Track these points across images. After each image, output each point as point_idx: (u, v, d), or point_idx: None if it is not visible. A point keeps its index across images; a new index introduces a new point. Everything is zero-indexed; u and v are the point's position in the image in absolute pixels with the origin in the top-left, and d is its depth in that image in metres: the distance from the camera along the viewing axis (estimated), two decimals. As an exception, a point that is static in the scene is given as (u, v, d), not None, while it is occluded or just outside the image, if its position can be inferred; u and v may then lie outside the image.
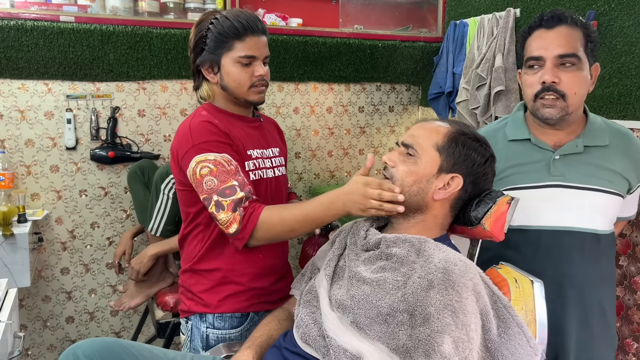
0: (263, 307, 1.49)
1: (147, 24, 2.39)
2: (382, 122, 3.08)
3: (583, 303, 1.38)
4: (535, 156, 1.41)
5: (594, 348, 1.40)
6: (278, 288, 1.53)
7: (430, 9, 3.02)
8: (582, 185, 1.35)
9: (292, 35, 2.65)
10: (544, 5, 2.21)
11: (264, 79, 1.46)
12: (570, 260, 1.37)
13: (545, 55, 1.31)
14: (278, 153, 1.59)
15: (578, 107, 1.35)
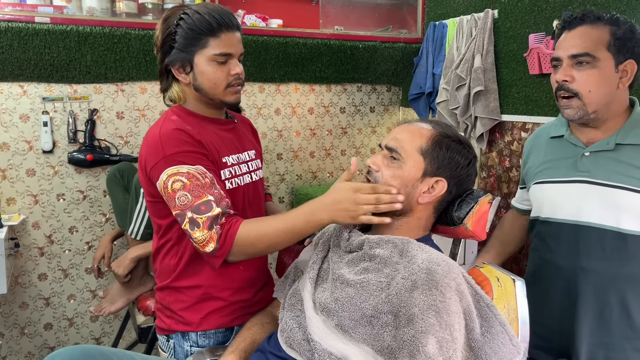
0: (247, 319, 1.42)
1: (125, 25, 2.36)
2: (364, 123, 3.09)
3: (599, 299, 1.38)
4: (568, 152, 1.45)
5: (614, 347, 1.39)
6: (260, 298, 1.47)
7: (410, 10, 3.04)
8: (608, 182, 1.35)
9: (273, 36, 2.64)
10: (522, 7, 2.24)
11: (240, 77, 1.37)
12: (587, 255, 1.39)
13: (562, 55, 1.36)
14: (254, 156, 1.50)
15: (600, 105, 1.34)
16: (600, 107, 1.35)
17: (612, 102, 1.36)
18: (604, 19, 1.34)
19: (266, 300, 1.49)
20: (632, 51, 1.33)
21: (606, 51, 1.32)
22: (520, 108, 2.29)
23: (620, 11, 1.85)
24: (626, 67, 1.34)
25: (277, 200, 2.93)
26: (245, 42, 2.57)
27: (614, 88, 1.34)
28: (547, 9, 2.12)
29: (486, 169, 2.51)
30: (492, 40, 2.39)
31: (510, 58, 2.33)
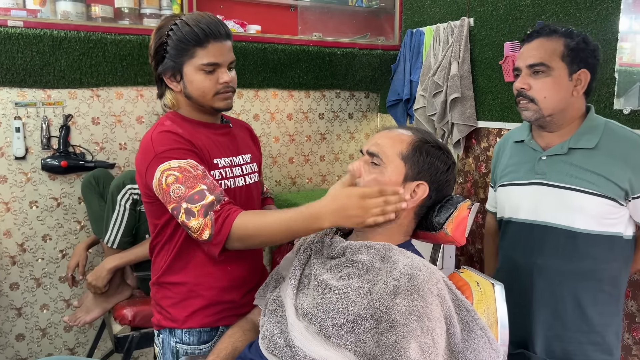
0: (234, 320, 1.43)
1: (101, 30, 2.32)
2: (342, 129, 3.10)
3: (554, 294, 1.47)
4: (528, 156, 1.55)
5: (569, 340, 1.47)
6: (249, 300, 1.47)
7: (387, 18, 3.07)
8: (562, 184, 1.45)
9: (251, 42, 2.63)
10: (496, 15, 2.28)
11: (229, 85, 1.39)
12: (541, 252, 1.49)
13: (521, 65, 1.48)
14: (250, 159, 1.52)
15: (555, 110, 1.45)
16: (555, 112, 1.46)
17: (567, 108, 1.46)
18: (558, 32, 1.45)
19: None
20: (585, 61, 1.43)
21: (560, 61, 1.43)
22: (495, 115, 2.33)
23: (591, 21, 1.91)
24: (580, 76, 1.44)
25: (256, 207, 2.92)
26: (223, 47, 2.57)
27: (569, 95, 1.44)
28: (521, 17, 2.17)
29: (463, 174, 2.55)
30: (468, 48, 2.43)
31: (486, 65, 2.37)
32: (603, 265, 1.45)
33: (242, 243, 1.25)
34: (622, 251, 1.47)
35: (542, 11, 2.08)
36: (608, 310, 1.48)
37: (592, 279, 1.46)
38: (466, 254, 2.55)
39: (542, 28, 1.47)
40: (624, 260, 1.48)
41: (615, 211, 1.42)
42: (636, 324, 1.79)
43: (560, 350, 1.48)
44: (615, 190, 1.40)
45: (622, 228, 1.44)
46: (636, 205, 1.42)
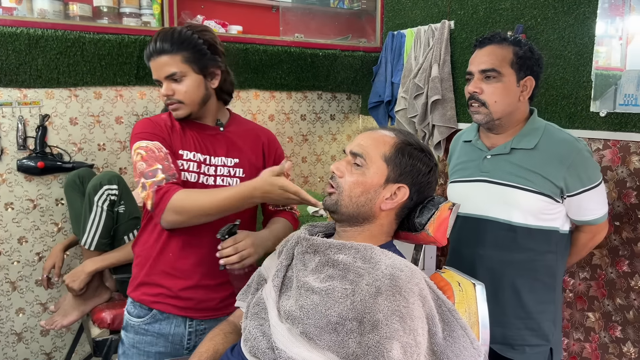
0: (168, 309, 1.49)
1: (79, 29, 2.29)
2: (324, 130, 3.11)
3: (493, 283, 1.54)
4: (474, 155, 1.64)
5: (509, 325, 1.56)
6: (188, 296, 1.49)
7: (369, 20, 3.08)
8: (503, 181, 1.54)
9: (233, 42, 2.62)
10: (477, 19, 2.31)
11: (170, 98, 1.46)
12: (483, 244, 1.59)
13: (473, 70, 1.55)
14: (233, 164, 1.54)
15: (504, 113, 1.53)
16: (504, 115, 1.54)
17: (514, 112, 1.55)
18: (508, 40, 1.53)
19: (192, 300, 1.50)
20: (531, 69, 1.52)
21: (509, 68, 1.51)
22: (476, 116, 2.36)
23: (568, 25, 1.94)
24: (526, 82, 1.53)
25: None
26: (204, 48, 2.55)
27: (516, 99, 1.53)
28: (500, 21, 2.20)
29: (443, 175, 2.57)
30: (449, 51, 2.45)
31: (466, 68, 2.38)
32: (539, 257, 1.55)
33: (180, 216, 1.37)
34: (558, 244, 1.56)
35: (521, 15, 2.11)
36: (543, 298, 1.57)
37: (529, 269, 1.55)
38: (447, 254, 2.57)
39: (493, 35, 1.54)
40: (560, 253, 1.58)
41: (552, 207, 1.51)
42: (612, 322, 1.83)
43: (500, 336, 1.55)
44: (551, 188, 1.49)
45: (558, 223, 1.54)
46: (571, 203, 1.52)
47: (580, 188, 1.49)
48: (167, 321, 1.49)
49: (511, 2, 2.15)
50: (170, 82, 1.45)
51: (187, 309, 1.50)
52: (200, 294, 1.50)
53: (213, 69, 1.48)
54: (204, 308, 1.51)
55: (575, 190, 1.49)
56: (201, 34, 1.46)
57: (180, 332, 1.50)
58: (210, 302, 1.52)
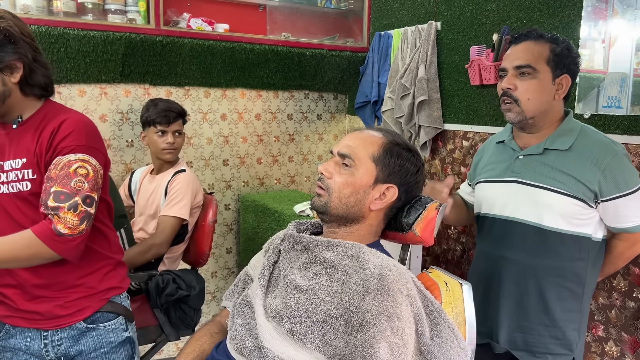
0: (19, 322, 1.39)
1: (63, 25, 2.25)
2: (311, 130, 3.10)
3: (519, 286, 1.53)
4: (506, 155, 1.60)
5: (532, 331, 1.52)
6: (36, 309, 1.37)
7: (356, 20, 3.09)
8: (534, 183, 1.50)
9: (219, 40, 2.60)
10: (463, 20, 2.33)
11: None
12: (510, 246, 1.55)
13: (507, 66, 1.51)
14: (21, 165, 1.32)
15: (537, 112, 1.49)
16: (537, 114, 1.50)
17: (548, 111, 1.51)
18: (545, 37, 1.49)
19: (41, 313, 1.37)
20: (567, 67, 1.48)
21: (545, 65, 1.47)
22: (461, 117, 2.38)
23: (553, 27, 1.96)
24: (562, 80, 1.48)
25: (223, 208, 2.89)
26: (190, 46, 2.54)
27: (551, 98, 1.49)
28: (487, 22, 2.22)
29: (429, 176, 2.58)
30: (436, 52, 2.46)
31: (452, 69, 2.41)
32: (568, 263, 1.49)
33: None
34: (589, 252, 1.49)
35: (507, 17, 2.13)
36: (570, 307, 1.51)
37: (557, 275, 1.50)
38: (432, 254, 2.59)
39: (529, 32, 1.51)
40: (591, 261, 1.50)
41: (585, 212, 1.45)
42: (595, 321, 1.86)
43: (522, 342, 1.53)
44: (585, 192, 1.43)
45: (591, 229, 1.48)
46: (605, 208, 1.45)
47: (615, 193, 1.42)
48: (22, 335, 1.40)
49: (497, 4, 2.17)
50: None
51: (34, 320, 1.38)
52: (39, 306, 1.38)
53: (12, 61, 1.28)
54: (48, 318, 1.38)
55: (610, 195, 1.42)
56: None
57: (36, 345, 1.40)
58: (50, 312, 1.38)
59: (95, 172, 1.31)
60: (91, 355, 1.41)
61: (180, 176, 2.17)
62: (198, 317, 2.18)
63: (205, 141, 2.77)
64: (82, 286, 1.40)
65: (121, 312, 1.47)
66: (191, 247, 2.28)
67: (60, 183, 1.26)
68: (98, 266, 1.43)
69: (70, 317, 1.38)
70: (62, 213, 1.24)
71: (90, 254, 1.40)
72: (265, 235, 2.57)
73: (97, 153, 1.34)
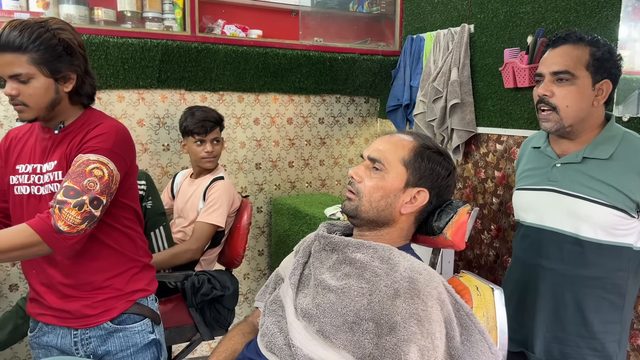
0: (51, 320, 1.44)
1: (104, 33, 2.34)
2: (342, 134, 3.12)
3: (555, 297, 1.50)
4: (543, 162, 1.56)
5: (569, 343, 1.49)
6: (66, 308, 1.43)
7: (388, 23, 3.09)
8: (572, 192, 1.45)
9: (253, 46, 2.65)
10: (497, 22, 2.30)
11: (14, 99, 1.33)
12: (546, 255, 1.52)
13: (544, 71, 1.46)
14: (53, 167, 1.38)
15: (576, 119, 1.43)
16: (576, 122, 1.44)
17: (587, 118, 1.45)
18: (585, 40, 1.42)
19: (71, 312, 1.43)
20: (609, 72, 1.41)
21: (585, 70, 1.41)
22: (495, 121, 2.35)
23: (591, 28, 1.92)
24: (602, 86, 1.42)
25: (255, 210, 2.93)
26: (225, 52, 2.59)
27: (590, 105, 1.43)
28: (521, 24, 2.19)
29: (462, 180, 2.56)
30: (469, 54, 2.44)
31: (485, 72, 2.38)
32: (609, 274, 1.44)
33: None
34: (631, 262, 1.45)
35: (542, 18, 2.10)
36: (610, 318, 1.47)
37: (596, 286, 1.45)
38: (465, 259, 2.55)
39: (568, 34, 1.44)
40: (632, 271, 1.46)
41: (626, 222, 1.41)
42: (634, 330, 1.80)
43: (558, 353, 1.50)
44: (626, 202, 1.39)
45: (632, 239, 1.43)
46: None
47: None
48: (54, 332, 1.46)
49: (532, 5, 2.14)
50: (15, 82, 1.31)
51: (64, 319, 1.44)
52: (68, 305, 1.43)
53: (67, 72, 1.35)
54: (77, 317, 1.43)
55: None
56: (57, 32, 1.31)
57: (67, 342, 1.45)
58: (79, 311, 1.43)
59: (110, 177, 1.32)
60: (118, 356, 1.45)
61: (219, 184, 2.22)
62: (232, 317, 2.21)
63: (239, 145, 2.82)
64: (109, 287, 1.44)
65: (148, 315, 1.50)
66: (226, 248, 2.33)
67: (73, 179, 1.28)
68: (125, 268, 1.47)
69: (97, 317, 1.43)
70: (67, 209, 1.24)
71: (118, 257, 1.45)
72: (296, 237, 2.59)
73: (119, 159, 1.36)
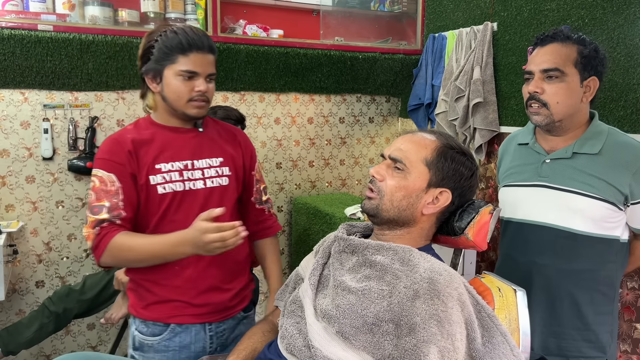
0: (187, 319, 1.50)
1: (127, 34, 2.37)
2: (363, 133, 3.11)
3: (550, 292, 1.52)
4: (531, 159, 1.58)
5: (565, 336, 1.52)
6: (205, 301, 1.51)
7: (410, 22, 3.07)
8: (563, 187, 1.49)
9: (274, 46, 2.66)
10: (520, 20, 2.27)
11: (204, 95, 1.46)
12: (540, 251, 1.53)
13: (534, 69, 1.49)
14: (219, 163, 1.55)
15: (565, 115, 1.47)
16: (565, 117, 1.48)
17: (575, 114, 1.49)
18: (572, 39, 1.47)
19: (218, 305, 1.52)
20: (595, 69, 1.46)
21: (573, 67, 1.45)
22: (518, 120, 2.31)
23: (618, 25, 1.88)
24: (590, 83, 1.47)
25: (276, 209, 2.94)
26: (246, 52, 2.60)
27: (579, 101, 1.47)
28: (545, 22, 2.15)
29: (484, 180, 2.53)
30: (492, 53, 2.41)
31: (509, 70, 2.35)
32: (600, 267, 1.49)
33: (113, 260, 1.40)
34: (618, 254, 1.50)
35: (567, 15, 2.06)
36: (602, 310, 1.51)
37: (589, 279, 1.50)
38: (487, 260, 2.52)
39: (555, 33, 1.48)
40: (620, 262, 1.52)
41: (615, 215, 1.45)
42: None
43: (555, 347, 1.52)
44: (616, 195, 1.43)
45: (619, 232, 1.49)
46: (633, 211, 1.46)
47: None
48: (187, 332, 1.50)
49: (557, 2, 2.10)
50: (207, 80, 1.47)
51: (203, 315, 1.51)
52: (213, 297, 1.52)
53: None
54: (219, 310, 1.53)
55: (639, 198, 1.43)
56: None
57: (201, 339, 1.52)
58: (223, 303, 1.54)
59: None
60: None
61: None
62: (252, 316, 2.23)
63: (260, 144, 2.84)
64: (245, 277, 1.63)
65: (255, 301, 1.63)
66: (246, 247, 2.34)
67: (262, 180, 1.69)
68: (249, 260, 1.68)
69: (235, 308, 1.57)
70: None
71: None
72: (316, 237, 2.59)
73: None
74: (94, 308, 2.26)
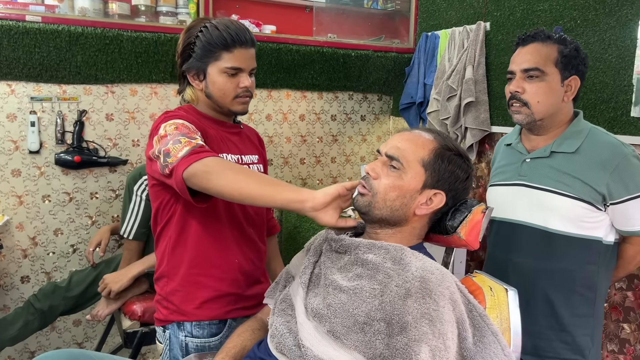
0: (240, 313, 1.49)
1: (118, 27, 2.34)
2: (354, 131, 3.10)
3: (526, 290, 1.48)
4: (514, 158, 1.61)
5: (539, 336, 1.52)
6: (254, 293, 1.53)
7: (402, 21, 3.06)
8: (541, 186, 1.50)
9: (266, 42, 2.64)
10: (513, 20, 2.27)
11: (248, 90, 1.47)
12: (517, 249, 1.56)
13: (515, 69, 1.51)
14: (257, 160, 1.58)
15: (546, 114, 1.49)
16: (546, 116, 1.50)
17: (557, 113, 1.50)
18: (553, 38, 1.48)
19: (259, 296, 1.50)
20: (576, 68, 1.48)
21: (554, 67, 1.46)
22: (510, 120, 2.30)
23: (610, 27, 1.89)
24: (571, 82, 1.48)
25: (266, 207, 2.92)
26: (238, 47, 2.56)
27: (560, 100, 1.49)
28: (538, 23, 2.15)
29: (475, 179, 2.53)
30: (484, 52, 2.41)
31: (501, 70, 2.35)
32: (578, 268, 1.48)
33: (205, 174, 1.20)
34: (600, 256, 1.49)
35: (560, 16, 2.06)
36: (581, 312, 1.50)
37: (565, 278, 1.49)
38: (477, 259, 2.53)
39: (536, 33, 1.50)
40: (603, 265, 1.50)
41: (593, 215, 1.45)
42: None
43: (531, 346, 1.51)
44: (592, 194, 1.43)
45: (601, 233, 1.47)
46: (615, 212, 1.44)
47: (625, 196, 1.41)
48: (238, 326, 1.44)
49: (550, 3, 2.10)
50: (250, 75, 1.47)
51: (251, 307, 1.50)
52: (258, 289, 1.53)
53: None
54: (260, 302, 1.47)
55: (620, 198, 1.41)
56: None
57: None
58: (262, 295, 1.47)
59: None
60: None
61: None
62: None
63: (250, 141, 2.82)
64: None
65: None
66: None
67: None
68: None
69: None
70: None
71: None
72: (306, 235, 2.58)
73: None
74: (80, 305, 2.24)
